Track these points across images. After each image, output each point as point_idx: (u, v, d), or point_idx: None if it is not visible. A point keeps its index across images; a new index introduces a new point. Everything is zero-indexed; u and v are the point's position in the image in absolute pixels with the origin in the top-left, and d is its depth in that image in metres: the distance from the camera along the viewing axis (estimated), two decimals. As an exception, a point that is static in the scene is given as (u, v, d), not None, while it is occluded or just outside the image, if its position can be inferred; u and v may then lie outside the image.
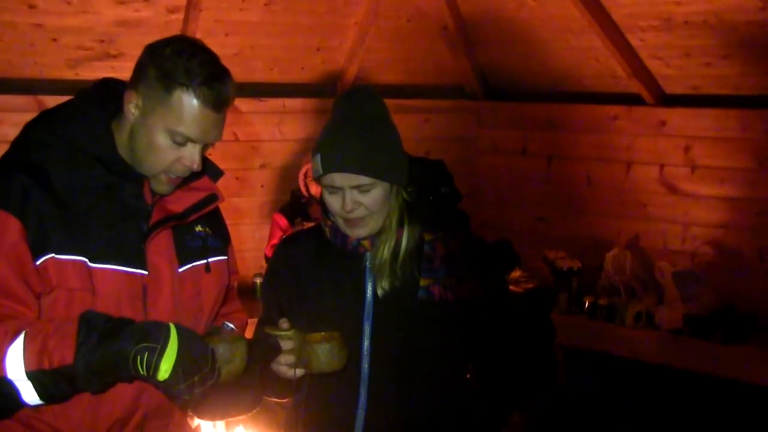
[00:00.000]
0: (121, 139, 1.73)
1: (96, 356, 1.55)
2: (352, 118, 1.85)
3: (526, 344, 1.99)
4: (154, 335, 1.55)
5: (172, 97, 1.66)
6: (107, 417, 1.73)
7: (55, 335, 1.56)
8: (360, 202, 1.82)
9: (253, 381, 1.79)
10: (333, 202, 1.85)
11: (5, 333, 1.57)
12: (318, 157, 1.84)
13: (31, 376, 1.55)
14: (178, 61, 1.66)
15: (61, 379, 1.56)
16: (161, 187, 1.74)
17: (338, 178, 1.82)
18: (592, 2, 4.22)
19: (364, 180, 1.81)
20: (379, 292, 1.87)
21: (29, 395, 1.58)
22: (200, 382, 1.57)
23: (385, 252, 1.86)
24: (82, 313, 1.59)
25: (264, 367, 1.77)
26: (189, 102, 1.67)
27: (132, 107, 1.70)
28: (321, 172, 1.84)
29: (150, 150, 1.69)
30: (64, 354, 1.54)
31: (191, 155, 1.71)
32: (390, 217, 1.87)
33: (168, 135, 1.68)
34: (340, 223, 1.87)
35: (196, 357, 1.57)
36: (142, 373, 1.55)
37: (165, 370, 1.54)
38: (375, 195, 1.83)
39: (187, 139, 1.69)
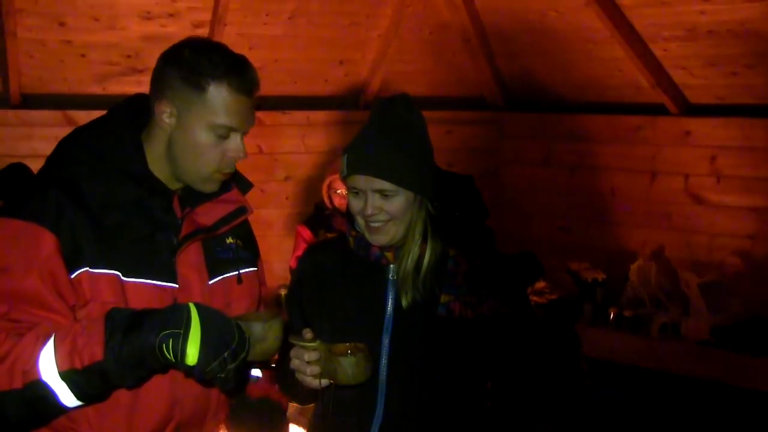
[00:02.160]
0: (153, 153, 1.75)
1: (124, 350, 1.55)
2: (385, 124, 1.86)
3: (549, 358, 1.97)
4: (175, 320, 1.55)
5: (205, 93, 1.68)
6: (141, 427, 1.74)
7: (84, 334, 1.57)
8: (382, 208, 1.82)
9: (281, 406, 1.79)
10: (355, 204, 1.85)
11: (36, 338, 1.58)
12: (345, 158, 1.85)
13: (65, 376, 1.56)
14: (200, 57, 1.69)
15: (93, 376, 1.56)
16: (212, 186, 1.76)
17: (361, 181, 1.82)
18: (615, 12, 4.22)
19: (386, 185, 1.80)
20: (404, 303, 1.86)
21: (66, 397, 1.59)
22: (231, 358, 1.56)
23: (408, 265, 1.86)
24: (108, 311, 1.61)
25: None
26: (223, 92, 1.67)
27: (165, 117, 1.72)
28: (346, 172, 1.84)
29: (195, 152, 1.71)
30: (94, 351, 1.55)
31: (236, 145, 1.73)
32: (413, 228, 1.86)
33: (210, 131, 1.69)
34: (362, 224, 1.87)
35: (222, 333, 1.56)
36: (170, 359, 1.54)
37: (192, 354, 1.53)
38: (397, 202, 1.82)
39: (230, 130, 1.72)
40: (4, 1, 3.80)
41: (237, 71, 1.69)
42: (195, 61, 1.69)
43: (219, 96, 1.68)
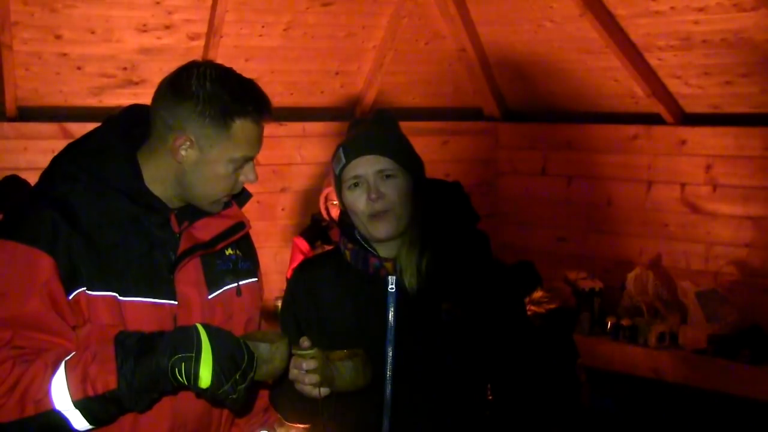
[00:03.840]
0: (153, 172, 1.72)
1: (136, 377, 1.55)
2: (373, 123, 1.93)
3: (548, 365, 1.98)
4: (185, 344, 1.56)
5: (232, 130, 1.67)
6: None
7: (95, 362, 1.57)
8: (384, 192, 1.83)
9: None
10: (356, 197, 1.85)
11: (45, 366, 1.57)
12: (340, 150, 1.87)
13: (78, 404, 1.56)
14: (223, 93, 1.67)
15: (107, 403, 1.56)
16: (216, 207, 1.75)
17: (361, 165, 1.83)
18: (610, 23, 4.23)
19: (386, 164, 1.83)
20: (402, 315, 1.86)
21: (79, 423, 1.58)
22: (242, 378, 1.57)
23: (408, 275, 1.86)
24: (116, 336, 1.61)
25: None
26: (249, 128, 1.69)
27: (183, 150, 1.68)
28: (344, 161, 1.85)
29: (212, 182, 1.70)
30: (107, 379, 1.55)
31: (250, 170, 1.74)
32: (410, 234, 1.87)
33: (231, 163, 1.69)
34: (364, 221, 1.86)
35: (232, 354, 1.57)
36: (183, 382, 1.55)
37: (206, 377, 1.54)
38: (398, 184, 1.84)
39: (247, 159, 1.72)
40: (0, 14, 3.81)
41: (258, 104, 1.70)
42: (216, 97, 1.66)
43: (244, 131, 1.68)
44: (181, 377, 1.54)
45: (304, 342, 1.76)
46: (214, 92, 1.66)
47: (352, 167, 1.85)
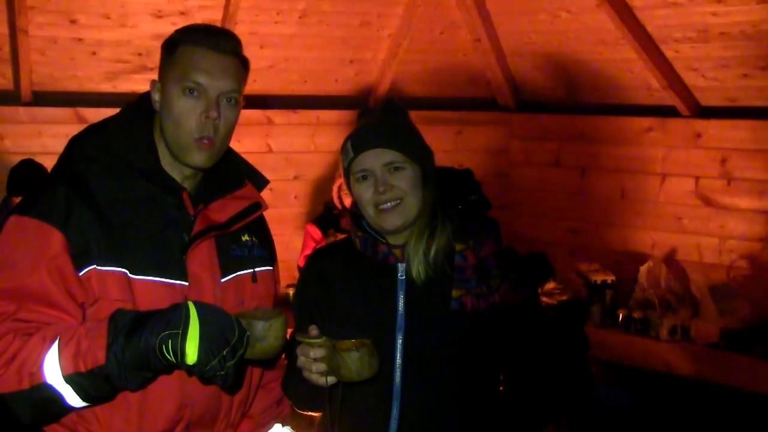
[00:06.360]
0: (162, 148, 1.75)
1: (126, 354, 1.54)
2: (383, 114, 1.93)
3: (559, 355, 1.97)
4: (174, 320, 1.54)
5: (175, 56, 1.70)
6: (151, 426, 1.73)
7: (87, 337, 1.57)
8: (392, 185, 1.83)
9: None
10: (364, 190, 1.86)
11: (42, 340, 1.58)
12: (348, 143, 1.87)
13: (69, 379, 1.56)
14: (178, 30, 1.74)
15: (97, 379, 1.56)
16: (195, 156, 1.71)
17: (369, 158, 1.83)
18: (627, 14, 4.21)
19: (396, 156, 1.83)
20: (412, 303, 1.86)
21: (72, 398, 1.58)
22: (230, 355, 1.55)
23: (417, 262, 1.87)
24: (112, 313, 1.62)
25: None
26: (189, 50, 1.69)
27: (155, 95, 1.73)
28: (352, 155, 1.85)
29: (174, 118, 1.69)
30: (97, 355, 1.55)
31: (209, 104, 1.68)
32: (420, 223, 1.87)
33: (180, 91, 1.68)
34: (373, 214, 1.87)
35: (221, 330, 1.55)
36: (171, 360, 1.54)
37: (192, 352, 1.52)
38: (406, 176, 1.84)
39: (198, 86, 1.68)
40: (17, -2, 3.83)
41: (206, 32, 1.72)
42: (173, 34, 1.73)
43: (185, 55, 1.69)
44: (168, 354, 1.53)
45: (313, 330, 1.76)
46: (174, 33, 1.73)
47: (360, 160, 1.85)
